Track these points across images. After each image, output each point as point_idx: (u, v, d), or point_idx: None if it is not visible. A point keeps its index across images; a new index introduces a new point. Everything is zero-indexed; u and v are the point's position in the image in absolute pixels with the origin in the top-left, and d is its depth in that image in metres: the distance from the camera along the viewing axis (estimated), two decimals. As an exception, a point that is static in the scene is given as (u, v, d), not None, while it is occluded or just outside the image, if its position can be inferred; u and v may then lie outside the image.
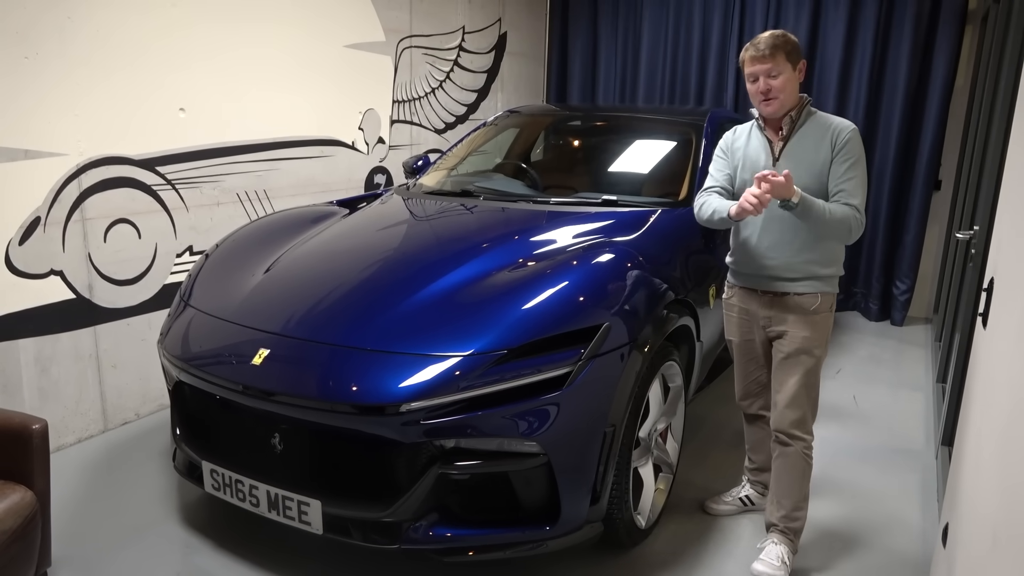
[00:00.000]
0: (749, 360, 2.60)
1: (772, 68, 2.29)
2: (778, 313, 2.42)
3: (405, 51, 4.80)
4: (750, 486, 2.82)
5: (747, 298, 2.51)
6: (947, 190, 5.13)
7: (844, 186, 2.29)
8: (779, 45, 2.29)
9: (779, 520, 2.47)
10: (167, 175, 3.43)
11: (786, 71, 2.30)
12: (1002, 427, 1.48)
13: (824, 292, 2.39)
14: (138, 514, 2.72)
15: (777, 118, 2.38)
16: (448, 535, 2.17)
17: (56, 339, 3.10)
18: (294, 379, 2.25)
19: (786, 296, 2.40)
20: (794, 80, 2.33)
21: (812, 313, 2.38)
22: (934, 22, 4.86)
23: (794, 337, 2.39)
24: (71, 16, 2.97)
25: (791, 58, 2.31)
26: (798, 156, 2.35)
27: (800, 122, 2.37)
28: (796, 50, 2.33)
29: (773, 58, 2.29)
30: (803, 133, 2.36)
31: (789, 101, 2.34)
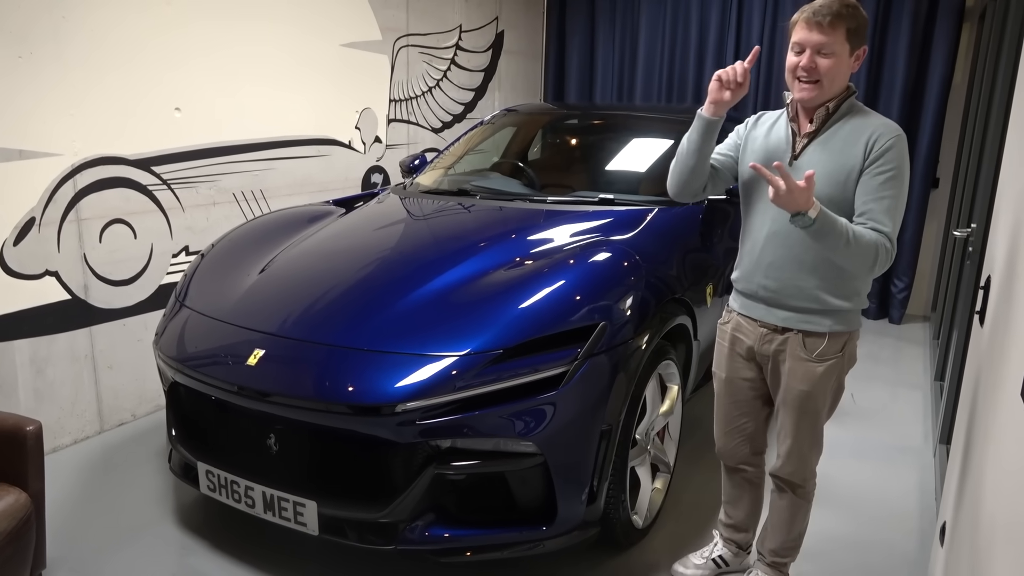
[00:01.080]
0: (733, 403, 2.20)
1: (827, 43, 1.83)
2: (776, 353, 2.03)
3: (402, 50, 4.79)
4: (723, 544, 2.42)
5: (743, 328, 2.11)
6: (945, 187, 5.13)
7: (874, 205, 1.83)
8: (843, 16, 1.82)
9: (768, 553, 2.29)
10: (163, 175, 3.42)
11: (842, 53, 1.84)
12: (998, 425, 1.47)
13: (835, 332, 1.97)
14: (134, 515, 2.72)
15: (810, 108, 1.94)
16: (444, 535, 2.16)
17: (51, 340, 3.09)
18: (289, 379, 2.24)
19: (787, 333, 2.01)
20: (847, 66, 1.87)
21: (815, 361, 1.98)
22: (931, 19, 4.86)
23: (789, 387, 2.03)
24: (66, 16, 2.96)
25: (853, 38, 1.85)
26: (822, 158, 1.91)
27: (837, 117, 1.92)
28: (863, 29, 1.87)
29: (833, 30, 1.82)
30: (835, 130, 1.92)
31: (832, 90, 1.89)
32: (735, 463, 2.30)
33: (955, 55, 4.87)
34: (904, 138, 1.88)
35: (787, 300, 1.99)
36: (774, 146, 2.01)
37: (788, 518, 2.22)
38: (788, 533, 2.24)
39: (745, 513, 2.37)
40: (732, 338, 2.16)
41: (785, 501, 2.21)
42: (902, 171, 1.85)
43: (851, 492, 2.96)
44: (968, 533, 1.64)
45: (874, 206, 1.84)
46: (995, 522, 1.35)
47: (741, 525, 2.39)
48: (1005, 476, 1.33)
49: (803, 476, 2.16)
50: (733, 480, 2.36)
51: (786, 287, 1.97)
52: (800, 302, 1.97)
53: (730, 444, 2.27)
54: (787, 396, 2.05)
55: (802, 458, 2.12)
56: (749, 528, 2.40)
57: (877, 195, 1.84)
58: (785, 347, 2.02)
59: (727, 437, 2.27)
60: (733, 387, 2.19)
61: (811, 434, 2.09)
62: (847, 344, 2.01)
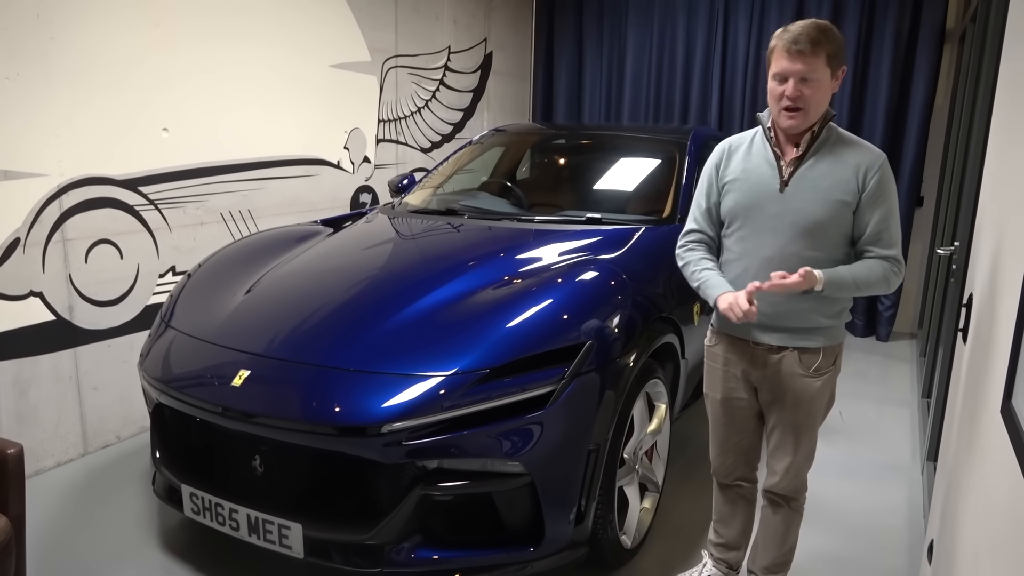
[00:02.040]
0: (730, 423, 2.19)
1: (809, 70, 1.82)
2: (772, 374, 2.05)
3: (391, 71, 4.82)
4: (713, 564, 2.38)
5: (735, 348, 2.11)
6: (929, 206, 5.18)
7: (878, 235, 1.90)
8: (821, 42, 1.81)
9: (760, 570, 2.28)
10: (150, 195, 3.42)
11: (824, 77, 1.85)
12: (981, 443, 1.48)
13: (827, 346, 2.02)
14: (117, 539, 2.68)
15: (796, 133, 1.94)
16: (431, 557, 2.14)
17: (35, 361, 3.06)
18: (274, 400, 2.23)
19: (782, 352, 2.03)
20: (829, 89, 1.88)
21: (812, 376, 2.01)
22: (913, 41, 4.94)
23: (788, 403, 2.05)
24: (54, 37, 2.96)
25: (833, 61, 1.85)
26: (813, 183, 1.92)
27: (822, 141, 1.93)
28: (841, 50, 1.86)
29: (814, 57, 1.81)
30: (822, 155, 1.93)
31: (817, 113, 1.89)
32: (731, 480, 2.30)
33: (937, 77, 4.95)
34: (887, 161, 1.93)
35: (782, 322, 2.01)
36: (760, 173, 1.99)
37: (782, 532, 2.22)
38: (781, 548, 2.24)
39: (737, 531, 2.36)
40: (725, 359, 2.15)
41: (779, 516, 2.21)
42: (892, 193, 1.93)
43: (839, 510, 2.96)
44: (955, 551, 1.64)
45: (878, 236, 1.91)
46: (979, 540, 1.35)
47: (732, 543, 2.37)
48: (988, 493, 1.34)
49: (798, 489, 2.18)
50: (727, 496, 2.34)
51: (781, 311, 1.98)
52: (795, 323, 2.00)
53: (727, 462, 2.27)
54: (785, 416, 2.07)
55: (796, 472, 2.14)
56: (740, 546, 2.38)
57: (879, 226, 1.91)
58: (781, 365, 2.03)
59: (724, 456, 2.27)
60: (729, 407, 2.19)
61: (807, 449, 2.12)
62: (837, 356, 2.08)
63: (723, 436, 2.24)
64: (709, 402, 2.25)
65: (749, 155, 2.04)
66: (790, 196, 1.94)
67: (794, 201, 1.93)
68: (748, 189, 2.00)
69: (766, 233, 1.98)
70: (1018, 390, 1.15)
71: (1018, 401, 1.15)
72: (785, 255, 1.93)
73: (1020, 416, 1.11)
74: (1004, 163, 1.80)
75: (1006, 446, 1.15)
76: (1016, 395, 1.16)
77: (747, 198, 2.01)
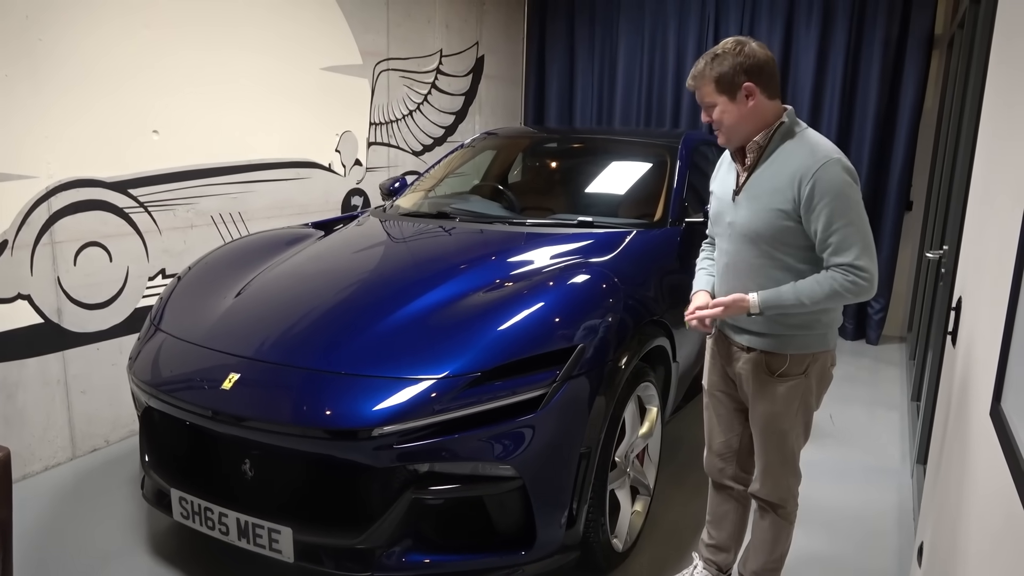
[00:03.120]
0: (716, 418, 2.25)
1: (704, 96, 1.94)
2: (744, 371, 2.08)
3: (382, 74, 4.82)
4: (703, 567, 2.37)
5: (720, 344, 2.19)
6: (919, 210, 5.22)
7: (828, 243, 1.85)
8: (704, 75, 1.92)
9: (749, 574, 2.28)
10: (139, 197, 3.40)
11: (720, 102, 1.91)
12: (970, 445, 1.49)
13: (796, 354, 1.99)
14: (105, 543, 2.66)
15: (736, 147, 2.01)
16: (422, 561, 2.13)
17: (22, 364, 3.03)
18: (264, 404, 2.22)
19: (751, 352, 2.05)
20: (736, 110, 1.91)
21: (777, 379, 2.00)
22: (902, 47, 4.98)
23: (756, 407, 2.07)
24: (42, 38, 2.94)
25: (722, 87, 1.90)
26: (755, 192, 1.96)
27: (771, 148, 1.95)
28: (732, 74, 1.88)
29: (698, 88, 1.95)
30: (769, 164, 1.94)
31: (741, 131, 1.94)
32: (722, 480, 2.31)
33: (925, 82, 4.99)
34: (831, 162, 1.85)
35: (746, 325, 2.05)
36: (726, 184, 2.09)
37: (770, 539, 2.22)
38: (770, 554, 2.24)
39: (728, 533, 2.36)
40: (712, 351, 2.24)
41: (767, 522, 2.21)
42: (837, 197, 1.82)
43: (830, 513, 2.97)
44: (944, 553, 1.65)
45: (828, 244, 1.85)
46: (969, 542, 1.36)
47: (723, 545, 2.37)
48: (977, 496, 1.34)
49: (780, 497, 2.16)
50: (720, 497, 2.35)
51: (741, 315, 1.98)
52: (757, 328, 2.02)
53: (717, 462, 2.30)
54: (753, 415, 2.11)
55: (774, 479, 2.13)
56: (731, 548, 2.38)
57: (826, 233, 1.84)
58: (750, 365, 2.06)
59: (710, 453, 2.31)
60: (715, 399, 2.25)
61: (779, 454, 2.10)
62: (811, 366, 2.01)
63: (713, 430, 2.29)
64: (704, 394, 2.32)
65: (725, 166, 2.14)
66: (739, 204, 2.00)
67: (741, 209, 1.99)
68: (717, 199, 2.13)
69: (724, 240, 2.07)
70: (1006, 393, 1.16)
71: (1006, 404, 1.15)
72: (737, 262, 2.01)
73: (1008, 419, 1.12)
74: (992, 167, 1.81)
75: (995, 448, 1.15)
76: (1004, 398, 1.17)
77: (716, 207, 2.13)
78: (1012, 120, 1.55)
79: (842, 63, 5.07)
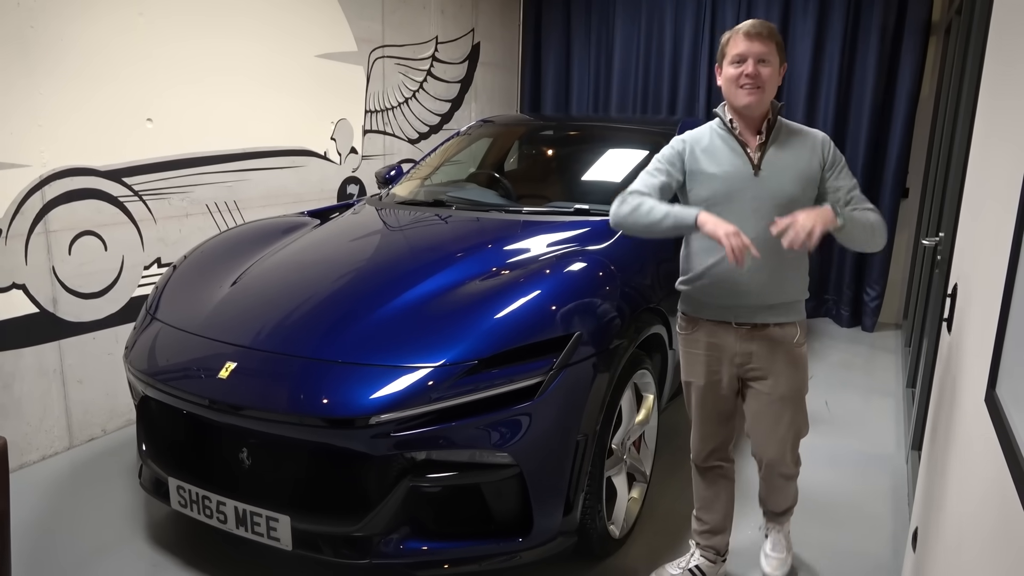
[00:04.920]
0: (714, 408, 2.28)
1: (766, 52, 2.02)
2: (759, 350, 2.16)
3: (377, 61, 4.79)
4: (700, 553, 2.44)
5: (718, 332, 2.19)
6: (915, 197, 5.22)
7: (854, 193, 2.10)
8: (773, 33, 2.05)
9: (775, 511, 2.49)
10: (134, 186, 3.38)
11: (775, 64, 2.05)
12: (964, 434, 1.50)
13: (800, 320, 2.20)
14: (103, 533, 2.66)
15: (755, 119, 2.09)
16: (419, 549, 2.14)
17: (18, 354, 3.03)
18: (261, 392, 2.22)
19: (767, 328, 2.15)
20: (777, 78, 2.08)
21: (795, 346, 2.18)
22: (899, 34, 4.96)
23: (780, 379, 2.17)
24: (33, 25, 2.92)
25: (780, 52, 2.08)
26: (783, 164, 2.08)
27: (778, 127, 2.13)
28: (783, 49, 2.11)
29: (770, 41, 2.03)
30: (784, 139, 2.11)
31: (770, 96, 2.08)
32: (710, 463, 2.37)
33: (922, 69, 4.97)
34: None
35: (768, 299, 2.14)
36: (731, 163, 2.09)
37: (785, 487, 2.41)
38: (788, 496, 2.45)
39: (720, 515, 2.41)
40: (708, 344, 2.22)
41: (782, 480, 2.37)
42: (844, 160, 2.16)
43: (825, 499, 2.99)
44: (939, 538, 1.66)
45: (854, 194, 2.10)
46: (964, 527, 1.37)
47: (717, 527, 2.41)
48: (972, 481, 1.35)
49: (795, 460, 2.34)
50: (707, 480, 2.40)
51: (766, 289, 2.12)
52: (778, 298, 2.15)
53: (708, 447, 2.34)
54: (776, 388, 2.18)
55: (793, 448, 2.30)
56: (725, 529, 2.43)
57: (850, 187, 2.11)
58: (766, 342, 2.16)
59: (706, 441, 2.34)
60: (714, 393, 2.26)
61: (797, 422, 2.26)
62: (805, 331, 2.25)
63: (705, 423, 2.31)
64: (692, 390, 2.30)
65: (713, 149, 2.13)
66: (765, 178, 2.08)
67: (769, 182, 2.08)
68: (723, 179, 2.10)
69: (747, 217, 2.05)
70: (1002, 379, 1.16)
71: (1002, 390, 1.16)
72: (765, 237, 1.98)
73: (1003, 405, 1.12)
74: (988, 154, 1.81)
75: (990, 434, 1.16)
76: (1000, 384, 1.17)
77: (724, 186, 2.10)
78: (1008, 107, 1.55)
79: (838, 50, 5.05)
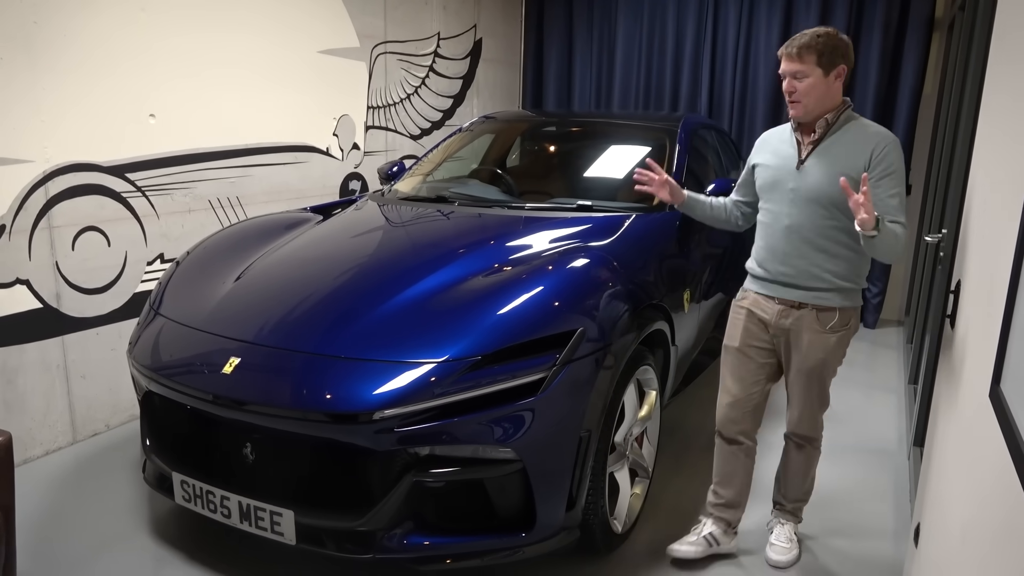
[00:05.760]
0: (744, 375, 2.43)
1: (799, 70, 2.18)
2: (793, 327, 2.32)
3: (380, 57, 4.79)
4: (713, 522, 2.57)
5: (761, 303, 2.39)
6: (917, 194, 5.21)
7: (890, 204, 2.14)
8: (811, 46, 2.17)
9: (789, 501, 2.60)
10: (137, 182, 3.39)
11: (815, 75, 2.18)
12: (967, 427, 1.50)
13: (843, 307, 2.29)
14: (107, 527, 2.67)
15: (808, 122, 2.26)
16: (422, 544, 2.15)
17: (22, 349, 3.03)
18: (265, 388, 2.22)
19: (803, 308, 2.31)
20: (824, 85, 2.19)
21: (828, 332, 2.29)
22: (902, 31, 4.95)
23: (807, 356, 2.33)
24: (37, 20, 2.92)
25: (824, 61, 2.17)
26: (826, 160, 2.22)
27: (836, 127, 2.25)
28: (835, 53, 2.19)
29: (800, 59, 2.18)
30: (837, 138, 2.23)
31: (817, 107, 2.22)
32: (734, 434, 2.50)
33: (925, 66, 4.96)
34: (897, 142, 2.21)
35: (803, 282, 2.30)
36: (783, 155, 2.34)
37: (805, 468, 2.55)
38: (805, 481, 2.58)
39: (736, 490, 2.55)
40: (748, 312, 2.43)
41: (803, 455, 2.53)
42: (900, 170, 2.18)
43: (827, 495, 2.99)
44: (942, 533, 1.67)
45: (890, 203, 2.15)
46: (967, 521, 1.37)
47: (732, 502, 2.56)
48: (976, 476, 1.35)
49: (816, 431, 2.50)
50: (728, 453, 2.53)
51: (801, 272, 2.29)
52: (814, 283, 2.29)
53: (732, 415, 2.48)
54: (803, 365, 2.35)
55: (812, 418, 2.47)
56: (739, 505, 2.57)
57: (889, 194, 2.15)
58: (801, 321, 2.32)
59: (731, 409, 2.48)
60: (744, 357, 2.43)
61: (820, 397, 2.43)
62: (852, 318, 2.34)
63: (733, 389, 2.47)
64: (726, 353, 2.49)
65: (779, 140, 2.38)
66: (806, 172, 2.26)
67: (809, 177, 2.25)
68: (773, 168, 2.35)
69: (785, 204, 2.30)
70: (1006, 374, 1.17)
71: (1006, 385, 1.16)
72: (802, 223, 2.25)
73: (1008, 400, 1.12)
74: (993, 150, 1.81)
75: (994, 429, 1.16)
76: (1004, 379, 1.18)
77: (772, 175, 2.35)
78: (1014, 103, 1.55)
79: (842, 46, 5.04)
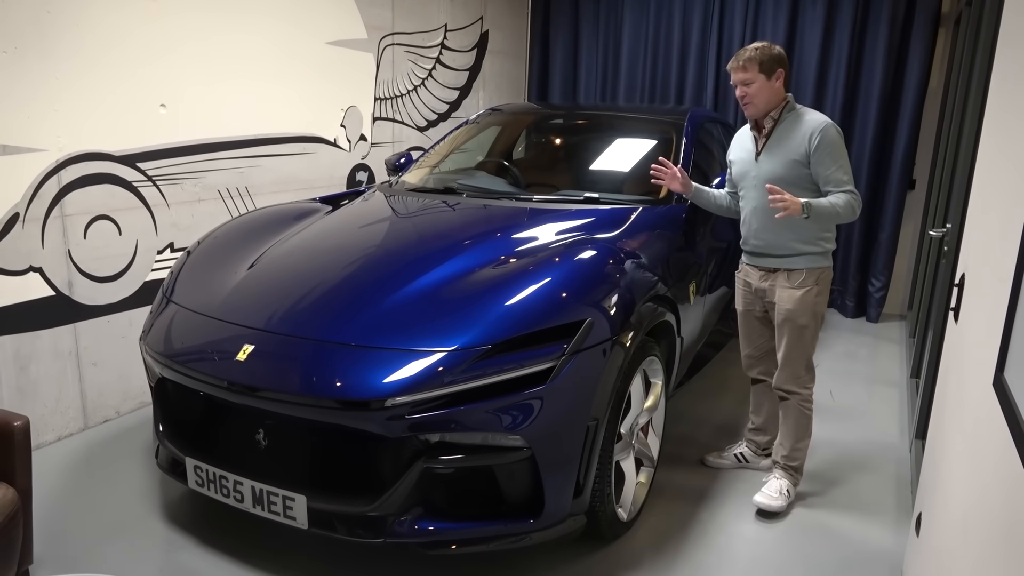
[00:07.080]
0: (751, 330, 2.95)
1: (746, 78, 2.64)
2: (770, 286, 2.78)
3: (387, 48, 4.80)
4: (745, 444, 3.14)
5: (750, 272, 2.87)
6: (921, 189, 5.23)
7: (832, 177, 2.60)
8: (753, 58, 2.64)
9: (781, 458, 2.87)
10: (148, 171, 3.41)
11: (759, 80, 2.63)
12: (971, 419, 1.53)
13: (809, 268, 2.70)
14: (120, 511, 2.71)
15: (759, 118, 2.70)
16: (432, 529, 2.19)
17: (35, 336, 3.07)
18: (278, 375, 2.26)
19: (776, 272, 2.75)
20: (768, 87, 2.64)
21: (795, 288, 2.70)
22: (908, 25, 4.95)
23: (780, 309, 2.75)
24: (50, 10, 2.94)
25: (765, 68, 2.63)
26: (776, 151, 2.68)
27: (780, 120, 2.69)
28: (772, 60, 2.63)
29: (746, 69, 2.64)
30: (783, 130, 2.68)
31: (765, 105, 2.67)
32: (756, 374, 3.01)
33: (931, 60, 4.97)
34: (828, 125, 2.61)
35: (773, 251, 2.75)
36: (747, 149, 2.80)
37: (793, 425, 2.84)
38: (796, 441, 2.85)
39: (765, 417, 3.06)
40: (743, 281, 2.91)
41: (788, 409, 2.84)
42: (835, 144, 2.60)
43: (828, 486, 3.02)
44: (942, 523, 1.70)
45: (832, 177, 2.59)
46: (969, 509, 1.40)
47: (763, 427, 3.08)
48: (978, 464, 1.38)
49: (796, 383, 2.80)
50: (757, 388, 3.07)
51: (770, 244, 2.75)
52: (782, 251, 2.73)
53: (750, 362, 3.00)
54: (778, 316, 2.77)
55: (791, 369, 2.79)
56: (768, 430, 3.06)
57: (829, 170, 2.60)
58: (776, 282, 2.76)
59: (748, 358, 3.01)
60: (747, 317, 2.94)
61: (796, 347, 2.75)
62: (820, 277, 2.72)
63: (746, 339, 2.99)
64: (737, 314, 2.99)
65: (744, 140, 2.84)
66: (761, 162, 2.71)
67: (764, 165, 2.70)
68: (739, 162, 2.83)
69: (751, 190, 2.76)
70: (1010, 363, 1.20)
71: (1009, 374, 1.19)
72: (764, 203, 2.63)
73: (1011, 388, 1.15)
74: (1000, 145, 1.84)
75: (997, 417, 1.19)
76: (1008, 368, 1.20)
77: (739, 168, 2.82)
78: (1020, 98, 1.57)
79: (847, 41, 5.04)
